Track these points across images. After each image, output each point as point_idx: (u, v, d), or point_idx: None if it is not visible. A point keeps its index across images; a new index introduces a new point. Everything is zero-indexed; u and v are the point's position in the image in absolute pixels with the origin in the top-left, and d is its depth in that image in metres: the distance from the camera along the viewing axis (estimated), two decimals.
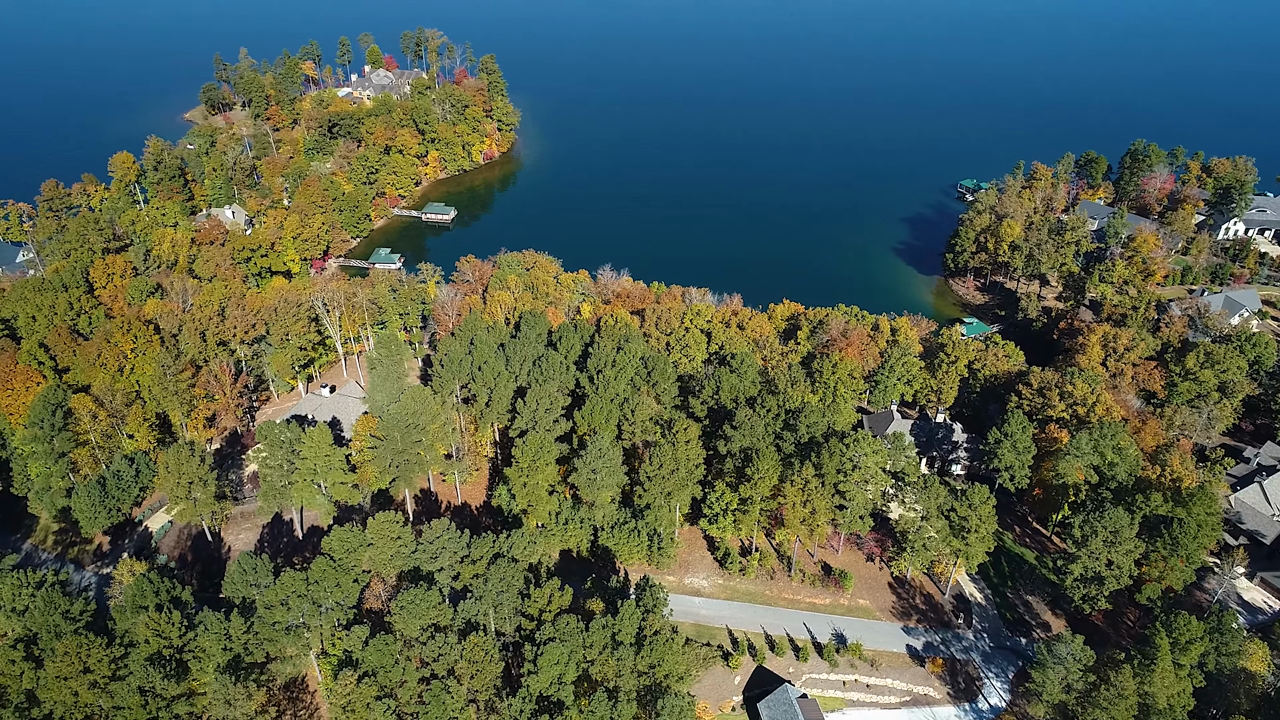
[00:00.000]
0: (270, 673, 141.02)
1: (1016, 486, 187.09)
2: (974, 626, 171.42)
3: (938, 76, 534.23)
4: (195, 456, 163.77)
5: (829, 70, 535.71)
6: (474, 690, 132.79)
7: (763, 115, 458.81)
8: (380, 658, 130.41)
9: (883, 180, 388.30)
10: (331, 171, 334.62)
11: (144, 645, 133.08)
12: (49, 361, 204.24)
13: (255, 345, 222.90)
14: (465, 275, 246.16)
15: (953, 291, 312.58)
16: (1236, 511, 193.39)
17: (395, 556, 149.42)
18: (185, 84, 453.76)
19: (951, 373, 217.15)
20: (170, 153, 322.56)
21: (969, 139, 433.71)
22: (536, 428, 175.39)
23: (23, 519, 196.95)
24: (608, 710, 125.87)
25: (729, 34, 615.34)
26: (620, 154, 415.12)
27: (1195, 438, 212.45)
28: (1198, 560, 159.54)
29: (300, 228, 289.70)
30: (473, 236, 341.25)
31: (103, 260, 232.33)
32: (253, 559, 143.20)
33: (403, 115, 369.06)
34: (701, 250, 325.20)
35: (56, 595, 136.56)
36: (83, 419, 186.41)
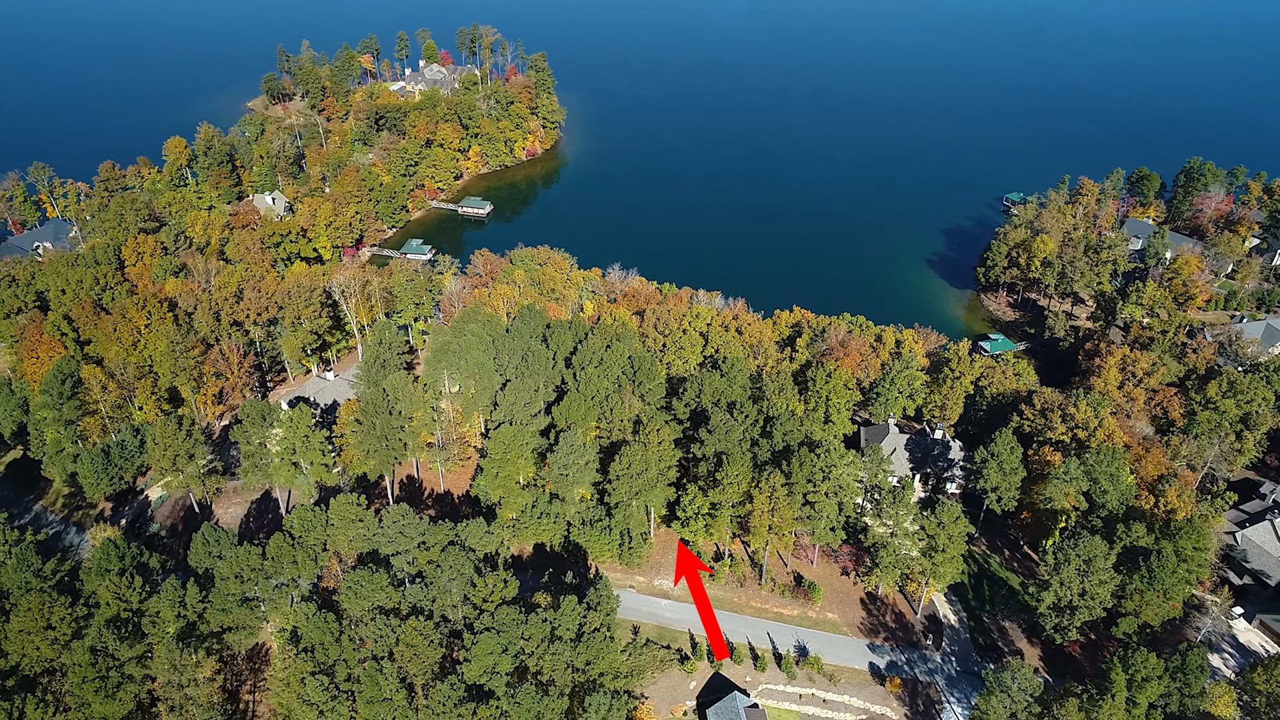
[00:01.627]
0: (225, 643, 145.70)
1: (1003, 508, 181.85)
2: (943, 649, 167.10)
3: (989, 87, 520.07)
4: (182, 430, 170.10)
5: (881, 80, 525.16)
6: (412, 674, 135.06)
7: (809, 124, 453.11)
8: (319, 634, 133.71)
9: (926, 192, 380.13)
10: (371, 163, 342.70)
11: (105, 607, 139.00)
12: (71, 333, 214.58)
13: (270, 328, 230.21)
14: (476, 268, 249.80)
15: (983, 307, 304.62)
16: (1243, 549, 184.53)
17: (355, 539, 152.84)
18: (251, 74, 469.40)
19: (956, 389, 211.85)
20: (220, 139, 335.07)
21: (1018, 151, 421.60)
22: (514, 421, 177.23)
23: (38, 481, 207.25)
24: (534, 702, 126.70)
25: (783, 40, 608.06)
26: (663, 156, 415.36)
27: (1214, 470, 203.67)
28: (1176, 595, 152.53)
29: (333, 216, 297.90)
30: (507, 231, 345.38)
31: (135, 239, 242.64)
32: (215, 531, 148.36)
33: (447, 110, 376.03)
34: (730, 256, 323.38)
35: (30, 553, 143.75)
36: (93, 389, 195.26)
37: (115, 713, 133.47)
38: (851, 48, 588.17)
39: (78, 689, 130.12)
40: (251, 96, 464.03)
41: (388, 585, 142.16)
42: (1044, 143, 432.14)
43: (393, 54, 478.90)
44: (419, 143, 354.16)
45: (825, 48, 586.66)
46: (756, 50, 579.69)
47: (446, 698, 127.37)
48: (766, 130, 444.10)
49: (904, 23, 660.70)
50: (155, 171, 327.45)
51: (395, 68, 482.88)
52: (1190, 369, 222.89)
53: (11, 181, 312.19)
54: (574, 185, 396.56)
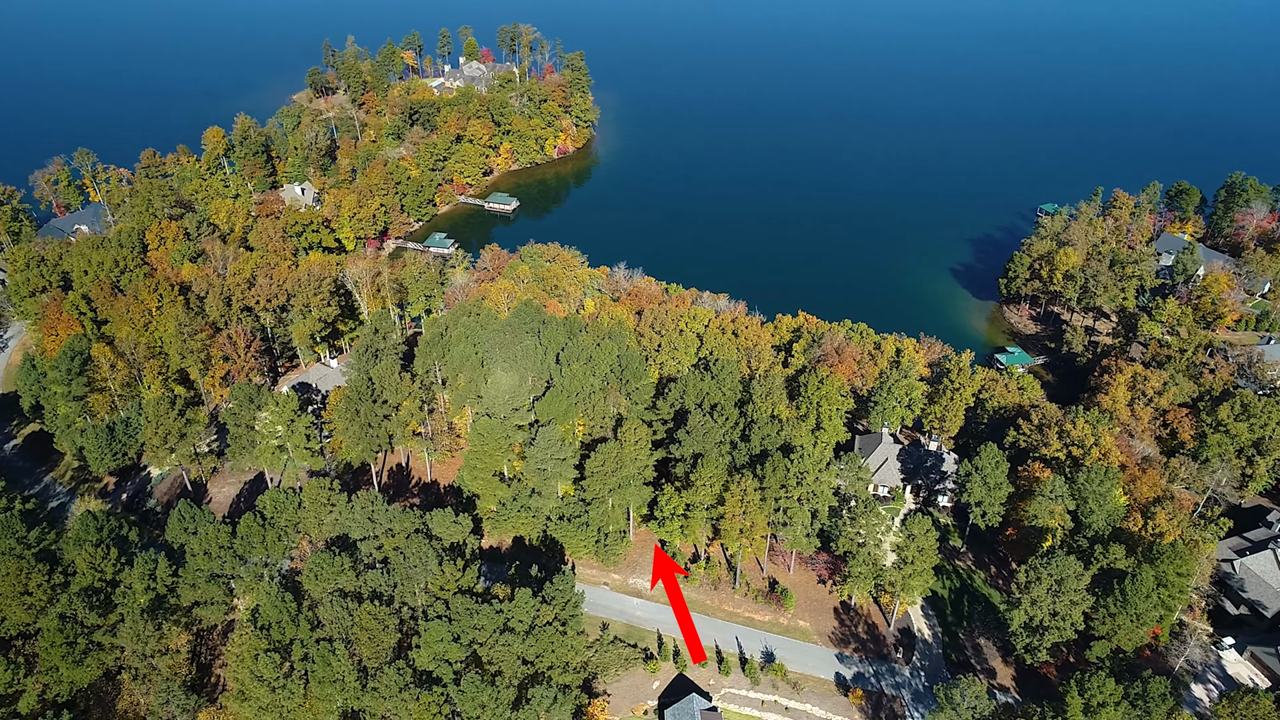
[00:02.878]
0: (195, 617, 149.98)
1: (988, 524, 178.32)
2: (913, 663, 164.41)
3: (1029, 95, 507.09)
4: (174, 410, 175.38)
5: (918, 88, 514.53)
6: (365, 657, 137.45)
7: (843, 131, 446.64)
8: (276, 613, 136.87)
9: (958, 201, 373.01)
10: (401, 157, 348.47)
11: (80, 576, 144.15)
12: (90, 313, 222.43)
13: (282, 314, 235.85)
14: (484, 263, 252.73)
15: (1005, 319, 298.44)
16: (1240, 578, 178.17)
17: (326, 522, 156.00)
18: (299, 67, 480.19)
19: (956, 401, 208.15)
20: (256, 130, 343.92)
21: (1057, 162, 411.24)
22: (494, 414, 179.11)
23: (50, 454, 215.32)
24: (478, 691, 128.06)
25: (822, 48, 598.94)
26: (694, 158, 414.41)
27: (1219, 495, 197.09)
28: (1150, 620, 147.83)
29: (357, 207, 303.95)
30: (534, 227, 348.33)
31: (158, 224, 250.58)
32: (192, 508, 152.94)
33: (479, 106, 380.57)
34: (751, 261, 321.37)
35: (15, 521, 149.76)
36: (102, 367, 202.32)
37: (82, 678, 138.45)
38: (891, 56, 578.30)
39: (46, 653, 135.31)
40: (298, 90, 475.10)
41: (349, 569, 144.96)
42: (1084, 153, 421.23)
43: (435, 50, 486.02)
44: (449, 138, 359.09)
45: (864, 56, 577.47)
46: (794, 57, 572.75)
47: (393, 682, 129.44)
48: (799, 137, 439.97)
49: (945, 31, 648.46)
50: (194, 160, 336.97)
51: (437, 64, 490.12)
52: (1205, 390, 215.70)
53: (57, 166, 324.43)
54: (602, 184, 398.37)
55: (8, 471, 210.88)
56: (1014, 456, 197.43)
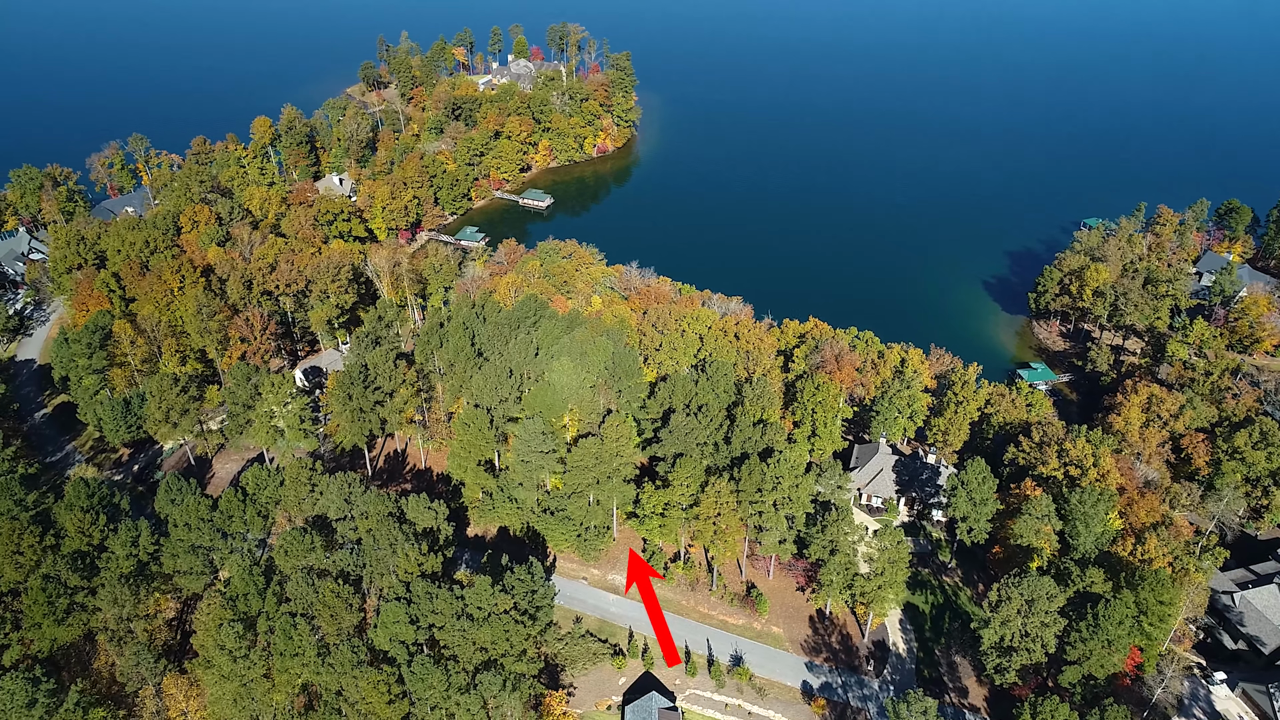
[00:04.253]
0: (175, 585, 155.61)
1: (974, 540, 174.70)
2: (884, 677, 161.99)
3: (1079, 105, 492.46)
4: (177, 387, 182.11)
5: (966, 98, 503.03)
6: (327, 633, 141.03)
7: (885, 140, 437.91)
8: (244, 585, 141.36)
9: (999, 213, 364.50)
10: (438, 150, 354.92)
11: (68, 540, 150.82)
12: (119, 290, 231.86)
13: (301, 299, 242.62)
14: (499, 256, 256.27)
15: (1033, 334, 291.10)
16: (1240, 611, 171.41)
17: (305, 501, 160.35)
18: (355, 61, 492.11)
19: (959, 414, 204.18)
20: (301, 120, 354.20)
21: (1105, 175, 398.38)
22: (482, 404, 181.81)
23: (75, 424, 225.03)
24: (427, 673, 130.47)
25: (870, 56, 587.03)
26: (732, 161, 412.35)
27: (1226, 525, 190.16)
28: (1123, 648, 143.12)
29: (389, 198, 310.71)
30: (566, 224, 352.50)
31: (191, 207, 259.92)
32: (179, 480, 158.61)
33: (520, 103, 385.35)
34: (777, 266, 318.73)
35: (15, 484, 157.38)
36: (123, 343, 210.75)
37: (64, 637, 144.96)
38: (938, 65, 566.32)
39: (30, 611, 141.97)
40: (353, 83, 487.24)
41: (319, 548, 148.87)
42: (1135, 166, 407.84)
43: (486, 48, 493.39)
44: (487, 134, 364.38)
45: (911, 65, 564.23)
46: (840, 65, 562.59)
47: (346, 659, 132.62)
48: (839, 144, 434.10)
49: (995, 39, 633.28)
50: (240, 148, 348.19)
51: (488, 62, 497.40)
52: (1225, 416, 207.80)
53: (112, 150, 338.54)
54: (639, 184, 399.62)
55: (35, 439, 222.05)
56: (1014, 474, 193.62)
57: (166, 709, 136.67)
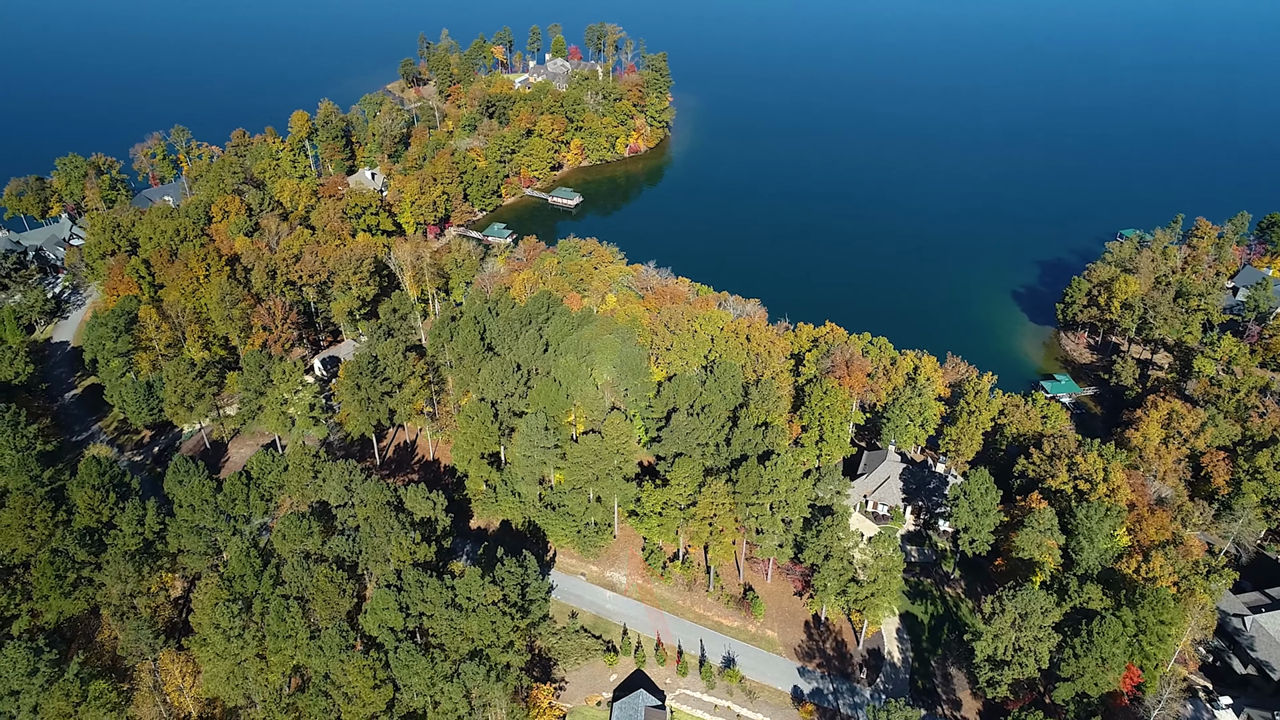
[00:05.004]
0: (179, 564, 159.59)
1: (975, 551, 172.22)
2: (876, 685, 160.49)
3: (1122, 114, 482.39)
4: (193, 372, 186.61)
5: (1005, 107, 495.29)
6: (320, 617, 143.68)
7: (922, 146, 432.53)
8: (241, 567, 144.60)
9: (1035, 223, 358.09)
10: (470, 147, 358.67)
11: (78, 516, 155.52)
12: (148, 277, 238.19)
13: (324, 290, 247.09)
14: (518, 253, 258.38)
15: (1060, 346, 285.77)
16: (1251, 635, 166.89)
17: (308, 487, 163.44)
18: (397, 57, 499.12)
19: (972, 423, 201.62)
20: (337, 115, 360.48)
21: (1147, 185, 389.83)
22: (488, 397, 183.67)
23: (103, 405, 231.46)
24: (413, 660, 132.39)
25: (911, 63, 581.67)
26: (763, 165, 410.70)
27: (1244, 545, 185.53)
28: (1117, 666, 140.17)
29: (418, 193, 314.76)
30: (595, 223, 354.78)
31: (222, 198, 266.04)
32: (187, 463, 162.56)
33: (553, 101, 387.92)
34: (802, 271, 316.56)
35: (32, 461, 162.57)
36: (148, 328, 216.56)
37: (70, 609, 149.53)
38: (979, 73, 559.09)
39: (38, 583, 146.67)
40: (393, 79, 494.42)
41: (317, 533, 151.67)
42: (1178, 177, 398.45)
43: (525, 46, 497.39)
44: (519, 132, 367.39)
45: (951, 73, 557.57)
46: (878, 71, 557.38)
47: (335, 642, 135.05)
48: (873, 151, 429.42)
49: (1037, 47, 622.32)
50: (278, 141, 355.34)
51: (526, 60, 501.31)
52: (1249, 434, 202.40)
53: (154, 140, 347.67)
54: (669, 185, 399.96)
55: (64, 418, 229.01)
56: (1024, 486, 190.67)
57: (163, 684, 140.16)
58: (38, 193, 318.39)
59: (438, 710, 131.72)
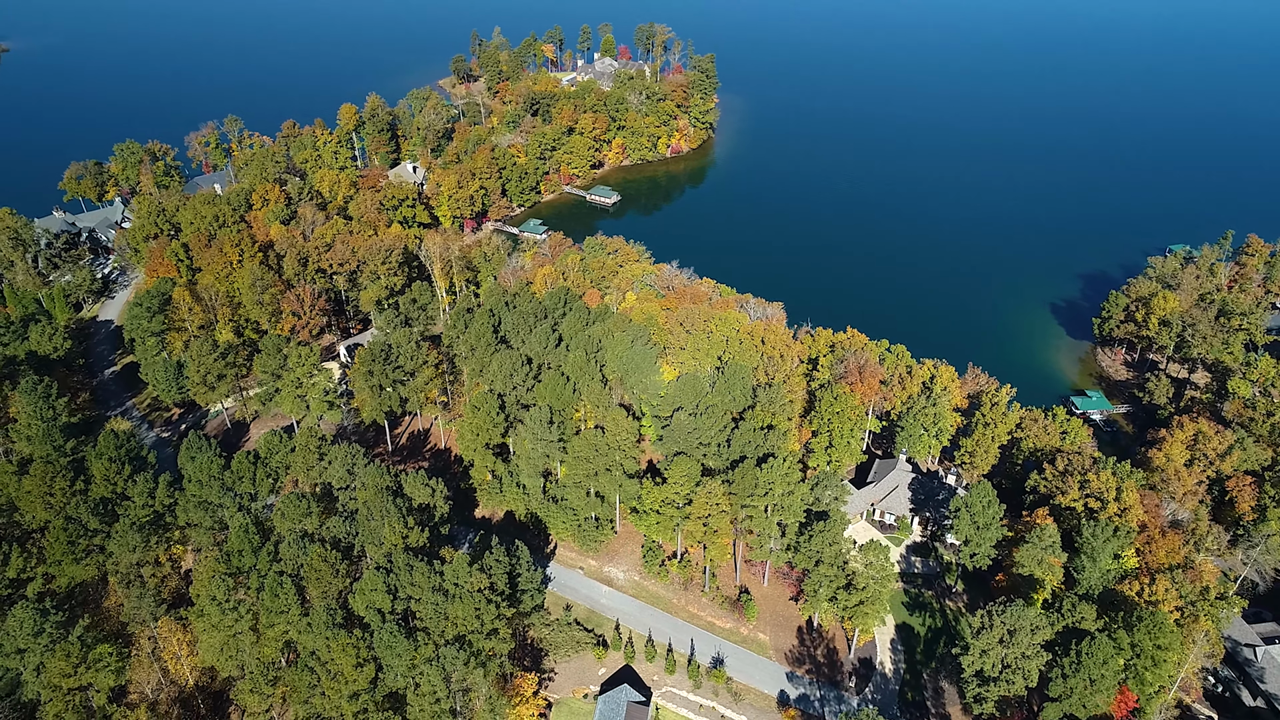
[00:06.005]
0: (186, 536, 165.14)
1: (975, 565, 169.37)
2: (865, 694, 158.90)
3: (1179, 123, 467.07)
4: (215, 352, 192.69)
5: (1061, 118, 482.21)
6: (312, 595, 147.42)
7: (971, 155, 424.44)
8: (240, 543, 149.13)
9: (1081, 236, 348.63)
10: (511, 143, 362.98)
11: (94, 486, 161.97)
12: (186, 260, 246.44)
13: (354, 279, 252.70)
14: (544, 249, 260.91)
15: (1096, 361, 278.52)
16: (1261, 667, 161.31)
17: (313, 468, 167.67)
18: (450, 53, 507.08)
19: (987, 435, 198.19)
20: (384, 109, 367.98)
21: (1202, 199, 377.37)
22: (496, 389, 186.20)
23: (139, 383, 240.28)
24: (394, 640, 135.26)
25: (963, 70, 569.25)
26: (805, 169, 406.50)
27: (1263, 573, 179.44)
28: (1106, 689, 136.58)
29: (456, 188, 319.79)
30: (633, 221, 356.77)
31: (263, 186, 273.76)
32: (199, 440, 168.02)
33: (596, 100, 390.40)
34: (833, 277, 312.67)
35: (56, 432, 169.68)
36: (181, 309, 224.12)
37: (80, 575, 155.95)
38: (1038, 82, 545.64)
39: (51, 548, 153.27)
40: (445, 75, 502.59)
41: (316, 513, 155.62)
42: (1236, 191, 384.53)
43: (575, 45, 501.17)
44: (560, 129, 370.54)
45: (1004, 81, 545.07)
46: (927, 79, 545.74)
47: (322, 620, 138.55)
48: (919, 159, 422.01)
49: (1093, 55, 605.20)
50: (326, 132, 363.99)
51: (576, 59, 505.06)
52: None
53: (208, 129, 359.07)
54: (709, 186, 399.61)
55: (102, 393, 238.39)
56: (1036, 501, 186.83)
57: (161, 651, 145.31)
58: (95, 177, 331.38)
59: (417, 692, 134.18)
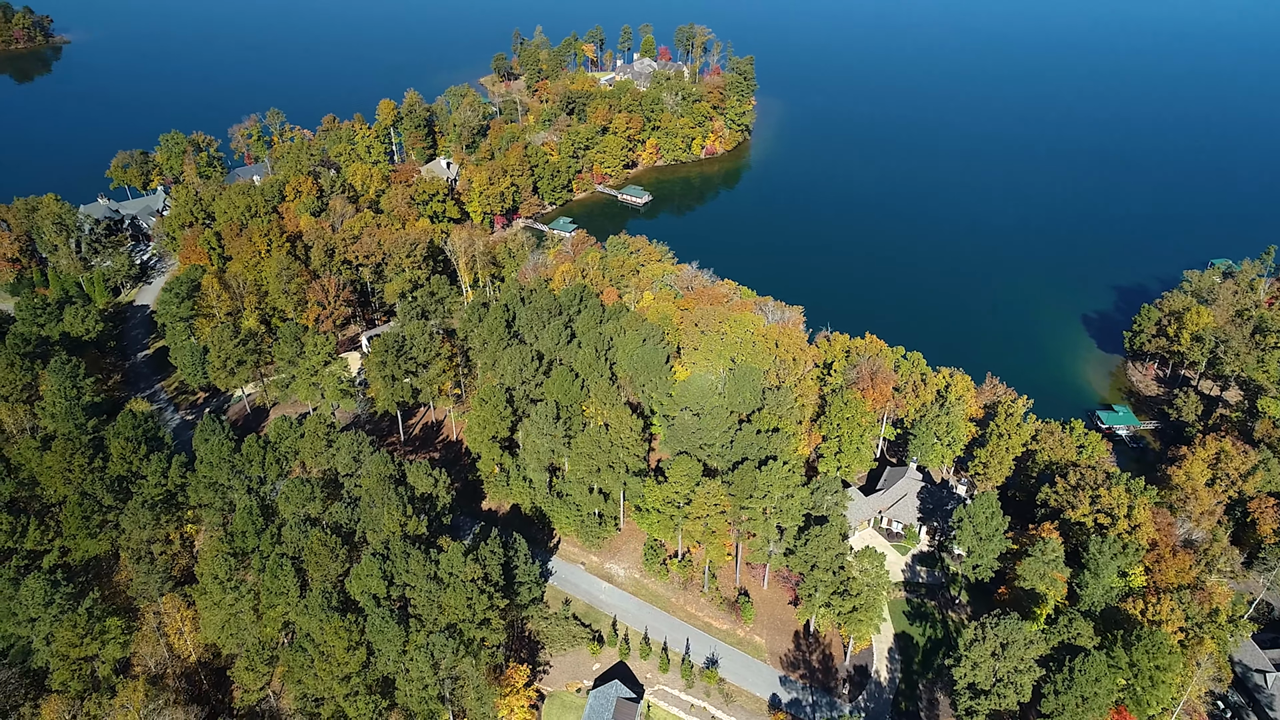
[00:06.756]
0: (197, 515, 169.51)
1: (977, 577, 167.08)
2: (858, 703, 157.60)
3: (1235, 133, 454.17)
4: (236, 338, 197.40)
5: (1107, 128, 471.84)
6: (312, 577, 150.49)
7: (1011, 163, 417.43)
8: (243, 524, 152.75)
9: (1122, 247, 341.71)
10: (544, 141, 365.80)
11: (111, 464, 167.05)
12: (218, 248, 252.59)
13: (380, 271, 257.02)
14: (566, 246, 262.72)
15: (1126, 376, 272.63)
16: (1272, 694, 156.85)
17: (321, 454, 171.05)
18: (492, 51, 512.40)
19: (1001, 446, 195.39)
20: (421, 105, 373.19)
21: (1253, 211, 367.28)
22: (506, 383, 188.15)
23: (169, 366, 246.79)
24: (385, 625, 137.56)
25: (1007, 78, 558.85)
26: (842, 173, 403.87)
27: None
28: (1098, 707, 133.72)
29: (487, 184, 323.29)
30: (665, 221, 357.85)
31: (296, 178, 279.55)
32: (213, 422, 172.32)
33: (631, 100, 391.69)
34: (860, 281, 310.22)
35: (78, 410, 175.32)
36: (209, 296, 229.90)
37: (94, 549, 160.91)
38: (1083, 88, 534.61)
39: (66, 523, 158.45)
40: (487, 73, 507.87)
41: (319, 498, 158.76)
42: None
43: (616, 45, 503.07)
44: (594, 128, 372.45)
45: (1048, 89, 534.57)
46: (972, 87, 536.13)
47: (317, 603, 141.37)
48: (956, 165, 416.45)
49: (1150, 61, 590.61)
50: (365, 127, 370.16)
51: (616, 59, 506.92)
52: None
53: (251, 122, 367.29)
54: (742, 188, 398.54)
55: (133, 376, 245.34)
56: (1047, 515, 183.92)
57: (165, 626, 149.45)
58: (141, 166, 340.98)
59: (406, 677, 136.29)
